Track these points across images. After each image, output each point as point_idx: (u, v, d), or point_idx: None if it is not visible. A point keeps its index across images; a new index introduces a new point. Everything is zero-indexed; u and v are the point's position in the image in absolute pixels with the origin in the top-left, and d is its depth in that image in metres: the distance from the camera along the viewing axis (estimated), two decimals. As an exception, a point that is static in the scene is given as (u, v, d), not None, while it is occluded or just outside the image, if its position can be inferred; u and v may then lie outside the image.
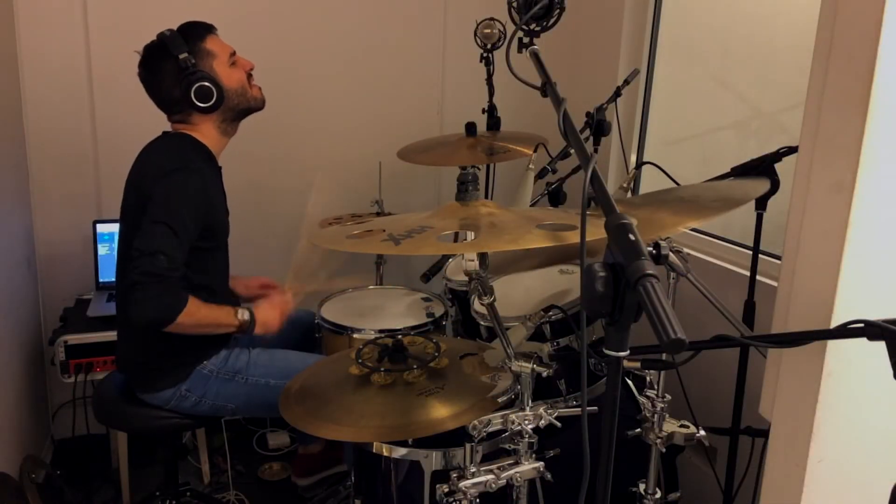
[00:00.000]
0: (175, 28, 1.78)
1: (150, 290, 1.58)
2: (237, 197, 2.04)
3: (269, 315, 1.84)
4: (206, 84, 1.74)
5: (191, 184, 1.69)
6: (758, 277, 1.68)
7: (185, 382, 1.80)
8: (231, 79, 1.82)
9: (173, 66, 1.73)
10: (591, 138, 1.93)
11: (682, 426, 1.44)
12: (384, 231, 1.13)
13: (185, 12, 1.81)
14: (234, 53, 1.84)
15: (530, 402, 1.24)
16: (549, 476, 1.25)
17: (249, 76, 1.88)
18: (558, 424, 1.25)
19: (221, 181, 1.89)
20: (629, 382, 1.66)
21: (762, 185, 1.39)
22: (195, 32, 1.79)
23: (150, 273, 1.57)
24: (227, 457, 2.43)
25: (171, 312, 1.60)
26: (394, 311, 2.19)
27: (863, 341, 0.87)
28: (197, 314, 1.66)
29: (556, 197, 1.91)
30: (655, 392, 1.43)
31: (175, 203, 1.65)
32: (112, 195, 1.80)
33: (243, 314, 1.79)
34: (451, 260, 2.10)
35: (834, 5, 0.95)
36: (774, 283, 1.24)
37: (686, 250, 1.42)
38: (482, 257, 1.24)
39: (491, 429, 1.23)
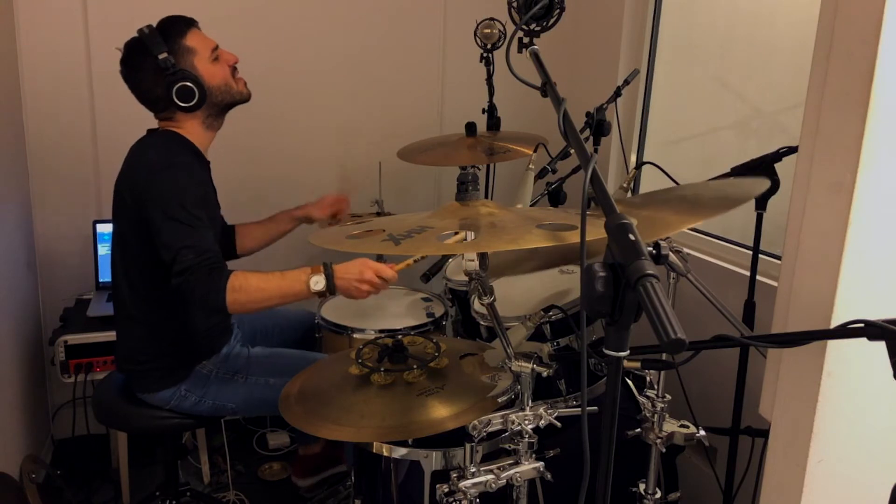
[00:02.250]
0: (155, 24, 1.74)
1: (191, 284, 1.58)
2: (236, 195, 2.05)
3: (349, 281, 1.65)
4: (188, 84, 1.71)
5: (180, 177, 1.68)
6: (758, 277, 1.68)
7: (185, 382, 1.80)
8: (214, 76, 1.78)
9: (153, 65, 1.70)
10: (591, 138, 1.93)
11: (682, 426, 1.44)
12: (384, 231, 1.13)
13: (185, 11, 1.81)
14: (216, 48, 1.80)
15: (530, 402, 1.25)
16: (549, 476, 1.25)
17: (234, 70, 1.84)
18: (558, 424, 1.25)
19: (210, 176, 1.89)
20: (629, 382, 1.66)
21: (762, 184, 1.39)
22: (175, 29, 1.75)
23: (182, 271, 1.58)
24: (227, 457, 2.43)
25: (217, 297, 1.57)
26: (394, 311, 2.19)
27: (863, 341, 0.87)
28: (248, 289, 1.59)
29: (556, 197, 1.91)
30: (655, 392, 1.43)
31: (174, 198, 1.64)
32: (112, 196, 1.80)
33: (317, 282, 1.62)
34: (451, 260, 2.10)
35: (834, 5, 0.95)
36: (774, 283, 1.24)
37: (686, 250, 1.42)
38: (482, 257, 1.24)
39: (491, 429, 1.23)
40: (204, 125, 1.82)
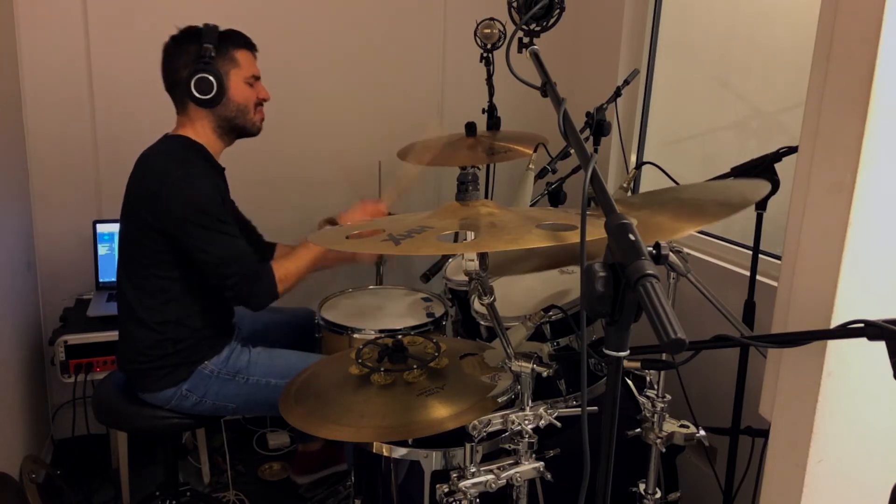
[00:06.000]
0: (221, 27, 1.81)
1: (245, 297, 1.76)
2: (237, 196, 2.04)
3: (357, 220, 1.88)
4: (210, 78, 1.74)
5: (200, 185, 1.72)
6: (758, 277, 1.68)
7: (186, 382, 1.80)
8: (240, 93, 1.82)
9: (195, 50, 1.75)
10: (591, 138, 1.93)
11: (682, 426, 1.44)
12: (384, 231, 1.13)
13: (185, 12, 1.81)
14: (258, 77, 1.87)
15: (530, 402, 1.24)
16: (549, 476, 1.25)
17: (260, 102, 1.89)
18: (558, 424, 1.25)
19: (225, 182, 1.90)
20: (629, 382, 1.66)
21: (762, 189, 1.39)
22: (233, 38, 1.82)
23: (233, 286, 1.73)
24: (226, 457, 2.43)
25: (271, 296, 1.77)
26: (394, 311, 2.19)
27: (863, 341, 0.87)
28: (290, 274, 1.79)
29: (556, 197, 1.91)
30: (655, 392, 1.43)
31: (203, 208, 1.69)
32: (112, 195, 1.81)
33: None
34: (451, 260, 2.10)
35: (834, 5, 0.95)
36: (774, 283, 1.24)
37: (686, 250, 1.42)
38: (482, 257, 1.24)
39: (491, 429, 1.23)
40: (215, 133, 1.84)
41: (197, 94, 1.74)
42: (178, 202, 1.67)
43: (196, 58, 1.74)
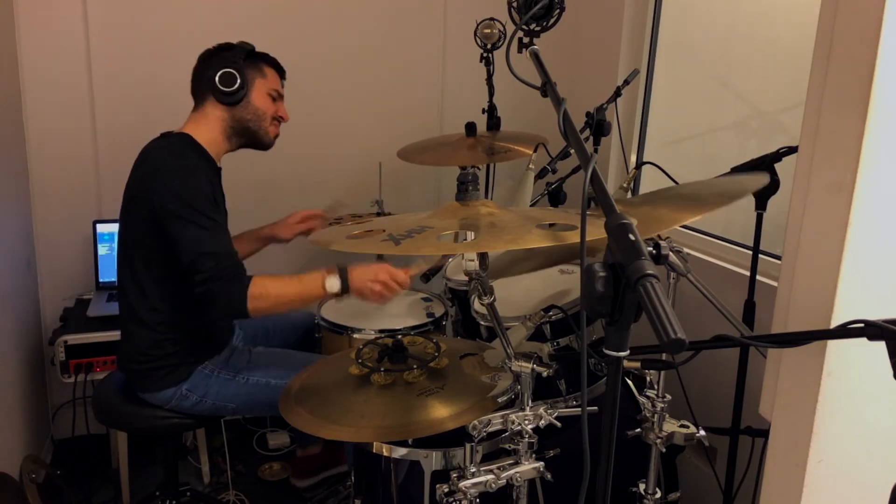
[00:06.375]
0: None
1: (213, 294, 1.64)
2: (237, 196, 2.04)
3: (363, 281, 1.67)
4: (235, 74, 1.78)
5: (190, 179, 1.71)
6: (758, 277, 1.68)
7: (186, 382, 1.80)
8: (261, 100, 1.86)
9: (228, 55, 1.81)
10: (591, 138, 1.93)
11: (682, 426, 1.44)
12: (384, 231, 1.13)
13: (185, 14, 1.81)
14: (281, 96, 1.92)
15: (530, 402, 1.25)
16: (549, 476, 1.25)
17: (278, 119, 1.92)
18: (558, 424, 1.25)
19: (220, 182, 1.90)
20: (629, 382, 1.66)
21: (761, 179, 1.39)
22: (265, 56, 1.89)
23: (204, 281, 1.63)
24: (227, 457, 2.43)
25: (239, 306, 1.63)
26: (394, 311, 2.19)
27: (863, 341, 0.87)
28: (268, 297, 1.64)
29: (556, 197, 1.91)
30: (655, 392, 1.43)
31: (187, 199, 1.67)
32: (112, 195, 1.80)
33: (332, 284, 1.67)
34: (451, 260, 2.10)
35: (834, 5, 0.95)
36: (774, 283, 1.24)
37: (686, 250, 1.42)
38: (482, 257, 1.24)
39: (491, 429, 1.23)
40: (223, 133, 1.85)
41: (220, 87, 1.78)
42: (168, 195, 1.66)
43: (226, 59, 1.80)
